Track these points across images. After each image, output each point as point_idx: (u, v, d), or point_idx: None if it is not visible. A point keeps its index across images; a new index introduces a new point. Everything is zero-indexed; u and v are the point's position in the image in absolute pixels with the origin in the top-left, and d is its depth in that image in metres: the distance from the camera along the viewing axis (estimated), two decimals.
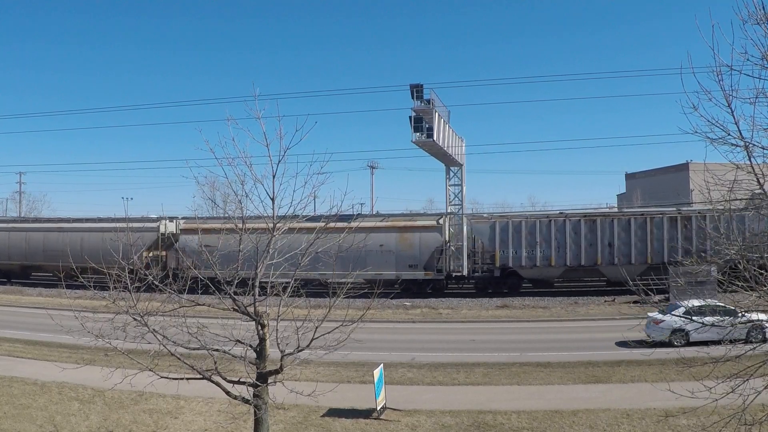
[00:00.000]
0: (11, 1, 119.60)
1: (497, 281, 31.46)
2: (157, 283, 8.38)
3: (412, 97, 41.68)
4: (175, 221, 35.80)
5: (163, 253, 34.44)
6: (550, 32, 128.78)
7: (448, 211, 50.83)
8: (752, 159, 6.60)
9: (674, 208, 31.73)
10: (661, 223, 29.79)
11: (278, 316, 8.33)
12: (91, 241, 34.21)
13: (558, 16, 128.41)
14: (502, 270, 30.85)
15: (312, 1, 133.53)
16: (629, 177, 71.05)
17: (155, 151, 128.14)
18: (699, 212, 28.40)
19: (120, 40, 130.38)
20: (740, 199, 7.32)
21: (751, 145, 6.54)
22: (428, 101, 42.05)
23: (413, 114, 42.32)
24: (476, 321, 25.11)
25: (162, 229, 34.76)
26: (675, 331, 15.75)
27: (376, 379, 11.98)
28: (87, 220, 38.36)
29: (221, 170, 8.51)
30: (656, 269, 27.62)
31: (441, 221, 32.77)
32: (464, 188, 53.37)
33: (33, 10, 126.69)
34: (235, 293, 8.29)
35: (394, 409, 12.36)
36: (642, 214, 31.01)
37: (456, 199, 53.07)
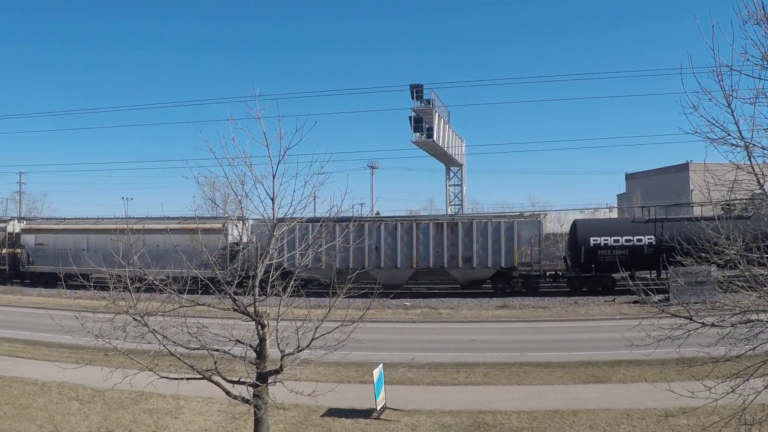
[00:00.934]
0: (11, 2, 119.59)
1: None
2: (157, 282, 8.39)
3: (412, 97, 41.72)
4: (21, 222, 41.96)
5: (10, 250, 39.54)
6: (550, 32, 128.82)
7: (448, 211, 50.89)
8: (752, 159, 6.59)
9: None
10: (427, 228, 32.04)
11: (278, 316, 8.34)
12: None
13: (558, 17, 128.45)
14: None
15: (312, 2, 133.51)
16: (629, 177, 71.11)
17: (155, 151, 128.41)
18: (467, 218, 32.32)
19: (120, 41, 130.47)
20: (740, 200, 7.32)
21: (751, 145, 6.54)
22: (428, 101, 42.08)
23: (413, 114, 42.36)
24: (476, 321, 25.10)
25: (10, 229, 39.83)
26: None
27: (375, 379, 11.98)
28: None
29: (221, 170, 8.51)
30: (424, 273, 31.42)
31: (227, 225, 33.97)
32: (464, 188, 53.43)
33: (33, 11, 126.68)
34: (235, 293, 8.30)
35: (394, 409, 12.37)
36: (409, 220, 33.86)
37: (456, 199, 53.12)
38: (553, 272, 33.39)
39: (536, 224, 31.87)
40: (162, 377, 8.45)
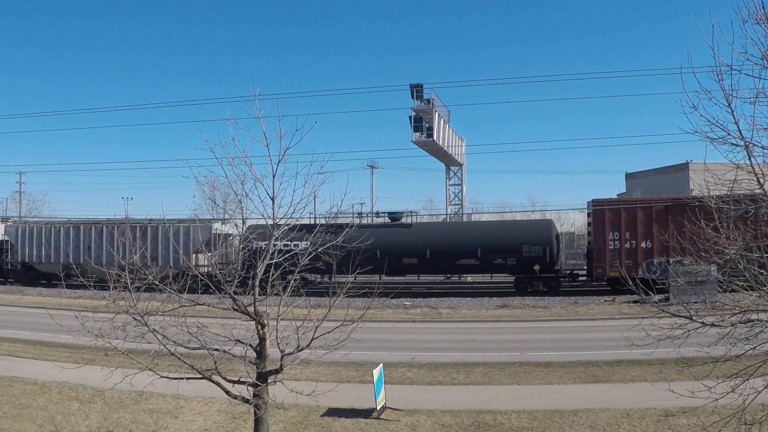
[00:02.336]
0: (12, 3, 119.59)
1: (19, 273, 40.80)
2: (157, 282, 8.39)
3: (412, 97, 41.71)
4: None
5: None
6: (550, 33, 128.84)
7: (448, 211, 50.88)
8: (752, 159, 6.59)
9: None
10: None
11: (278, 316, 8.34)
12: None
13: (558, 17, 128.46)
14: (22, 264, 40.44)
15: (312, 2, 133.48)
16: (629, 177, 71.01)
17: (155, 151, 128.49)
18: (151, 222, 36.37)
19: (120, 42, 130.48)
20: (740, 200, 7.31)
21: (751, 145, 6.54)
22: (428, 101, 42.07)
23: (413, 114, 42.36)
24: (476, 321, 25.12)
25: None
26: None
27: (375, 379, 11.98)
28: None
29: (221, 170, 8.51)
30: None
31: None
32: (464, 188, 53.43)
33: (34, 12, 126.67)
34: (235, 293, 8.30)
35: (394, 409, 12.37)
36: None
37: (456, 198, 53.11)
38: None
39: (207, 228, 35.77)
40: (162, 377, 8.45)
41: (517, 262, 31.77)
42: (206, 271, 31.49)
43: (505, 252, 31.68)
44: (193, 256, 34.44)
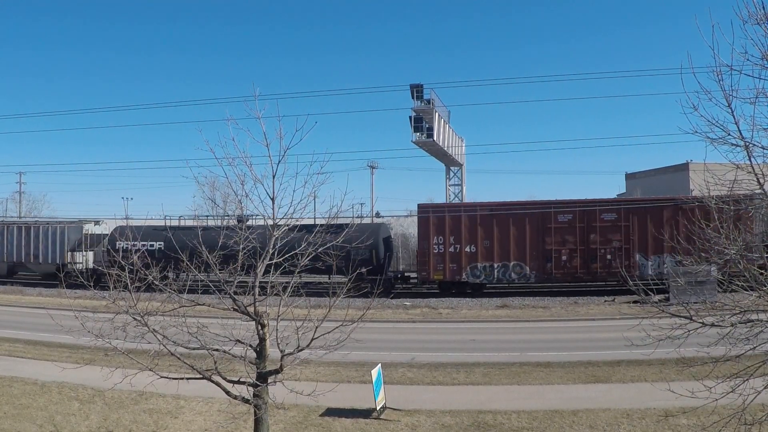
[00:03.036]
0: (12, 4, 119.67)
1: None
2: (157, 282, 8.39)
3: (412, 97, 41.67)
4: None
5: None
6: (550, 33, 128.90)
7: None
8: (752, 159, 6.59)
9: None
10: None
11: (278, 316, 8.34)
12: None
13: (558, 17, 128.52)
14: None
15: (312, 3, 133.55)
16: (629, 177, 71.02)
17: (155, 151, 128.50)
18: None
19: (120, 42, 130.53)
20: (740, 200, 7.31)
21: (751, 145, 6.54)
22: (428, 101, 42.05)
23: (413, 114, 42.31)
24: (476, 321, 25.11)
25: None
26: None
27: (373, 379, 11.98)
28: None
29: (221, 170, 8.53)
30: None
31: None
32: (464, 188, 53.42)
33: (34, 13, 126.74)
34: (235, 293, 8.30)
35: (394, 409, 12.36)
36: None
37: (456, 198, 53.11)
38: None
39: (79, 229, 38.57)
40: (162, 377, 8.45)
41: (350, 264, 31.69)
42: (81, 267, 34.25)
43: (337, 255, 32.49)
44: (69, 253, 37.91)
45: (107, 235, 37.18)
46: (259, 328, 8.32)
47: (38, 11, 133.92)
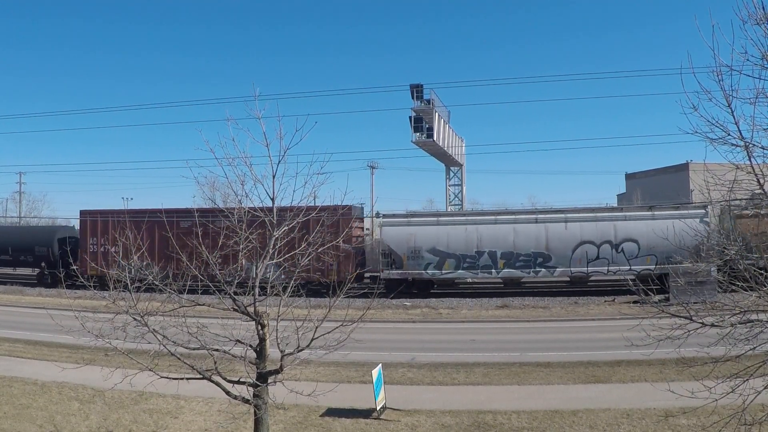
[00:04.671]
0: (12, 4, 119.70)
1: None
2: (157, 282, 8.39)
3: (412, 97, 41.64)
4: None
5: None
6: (550, 33, 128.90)
7: (448, 210, 50.81)
8: (752, 159, 6.59)
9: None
10: None
11: (278, 316, 8.33)
12: None
13: (558, 18, 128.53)
14: None
15: (312, 3, 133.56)
16: (629, 177, 71.03)
17: (155, 151, 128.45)
18: None
19: (120, 43, 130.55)
20: (740, 200, 7.32)
21: (751, 145, 6.53)
22: (428, 101, 42.02)
23: (413, 114, 42.29)
24: (476, 321, 25.11)
25: None
26: None
27: (374, 379, 11.98)
28: None
29: (221, 170, 8.53)
30: None
31: None
32: (464, 188, 53.42)
33: (35, 13, 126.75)
34: (235, 293, 8.30)
35: (394, 409, 12.36)
36: None
37: (456, 199, 53.11)
38: None
39: None
40: (162, 377, 8.45)
41: (34, 259, 38.42)
42: None
43: (26, 251, 38.52)
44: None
45: None
46: (259, 328, 8.32)
47: (38, 11, 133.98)
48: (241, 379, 8.35)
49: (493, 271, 31.02)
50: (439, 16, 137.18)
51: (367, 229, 38.76)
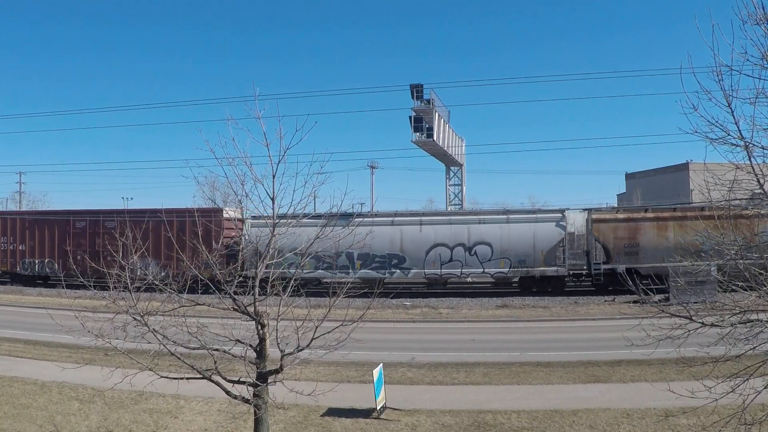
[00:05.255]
0: (13, 5, 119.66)
1: None
2: (157, 282, 8.39)
3: (412, 97, 41.67)
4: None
5: None
6: (550, 33, 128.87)
7: (448, 210, 50.85)
8: (752, 159, 6.59)
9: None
10: None
11: (278, 316, 8.33)
12: None
13: (558, 18, 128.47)
14: None
15: (312, 4, 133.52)
16: (629, 177, 71.10)
17: (155, 151, 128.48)
18: None
19: (120, 43, 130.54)
20: (740, 200, 7.31)
21: (751, 145, 6.53)
22: (428, 101, 42.04)
23: (413, 114, 42.32)
24: (476, 321, 25.12)
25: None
26: None
27: (375, 379, 11.98)
28: None
29: (221, 170, 8.53)
30: None
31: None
32: (464, 188, 53.45)
33: (35, 14, 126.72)
34: (235, 293, 8.30)
35: (394, 409, 12.36)
36: None
37: (456, 199, 53.13)
38: None
39: None
40: (162, 377, 8.45)
41: None
42: None
43: None
44: None
45: None
46: (259, 327, 8.32)
47: (39, 12, 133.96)
48: (241, 379, 8.36)
49: (350, 271, 31.49)
50: (440, 17, 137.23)
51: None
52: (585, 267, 32.92)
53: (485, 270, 31.14)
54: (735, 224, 7.24)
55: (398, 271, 31.81)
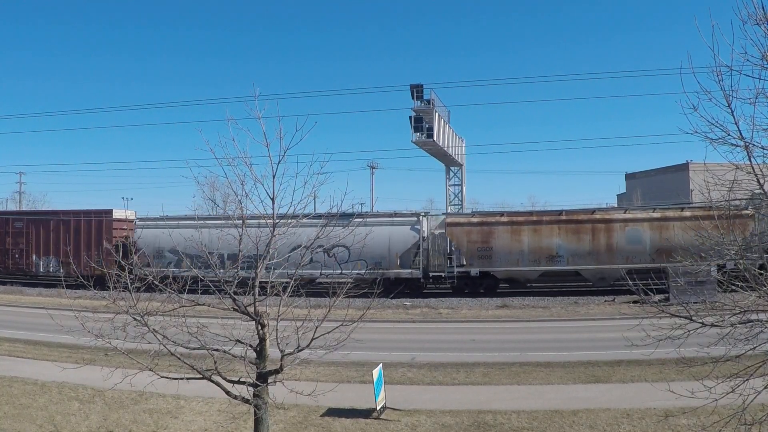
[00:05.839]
0: (13, 5, 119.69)
1: None
2: (157, 282, 8.39)
3: (413, 97, 41.65)
4: None
5: None
6: (550, 34, 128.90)
7: (448, 211, 50.87)
8: (752, 159, 6.59)
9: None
10: None
11: (278, 316, 8.34)
12: None
13: (558, 18, 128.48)
14: None
15: (312, 4, 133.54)
16: (629, 177, 71.04)
17: (155, 151, 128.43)
18: None
19: (121, 43, 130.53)
20: (740, 200, 7.32)
21: (751, 145, 6.54)
22: (428, 101, 42.03)
23: (413, 114, 42.30)
24: (476, 321, 25.12)
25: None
26: None
27: (375, 379, 11.98)
28: None
29: (221, 170, 8.55)
30: None
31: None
32: (464, 188, 53.42)
33: (35, 14, 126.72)
34: (235, 293, 8.30)
35: (394, 409, 12.36)
36: None
37: (456, 199, 53.11)
38: None
39: None
40: (162, 377, 8.45)
41: None
42: None
43: None
44: None
45: None
46: (259, 328, 8.32)
47: (39, 12, 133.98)
48: (241, 379, 8.36)
49: (221, 270, 32.45)
50: (439, 17, 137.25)
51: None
52: (444, 270, 33.48)
53: (342, 271, 31.78)
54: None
55: (264, 271, 33.04)
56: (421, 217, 32.87)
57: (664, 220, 30.17)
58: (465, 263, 31.59)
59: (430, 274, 33.12)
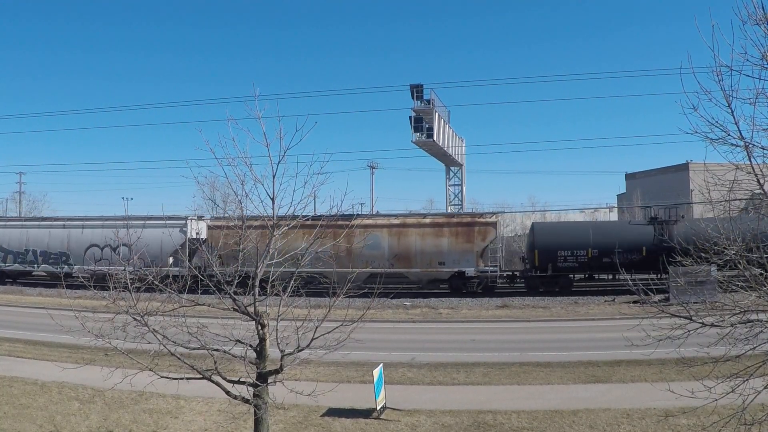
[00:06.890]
0: (12, 4, 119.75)
1: None
2: (157, 282, 8.39)
3: (412, 97, 41.66)
4: None
5: None
6: (550, 33, 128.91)
7: (448, 211, 50.86)
8: (752, 159, 6.59)
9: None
10: None
11: (278, 316, 8.33)
12: None
13: (558, 18, 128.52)
14: None
15: (312, 3, 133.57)
16: (629, 177, 71.03)
17: (155, 151, 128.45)
18: None
19: (120, 43, 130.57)
20: (740, 199, 7.32)
21: (751, 145, 6.54)
22: (428, 101, 42.04)
23: (413, 114, 42.31)
24: (476, 321, 25.13)
25: None
26: None
27: (375, 379, 11.98)
28: None
29: (221, 170, 8.53)
30: None
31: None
32: (464, 188, 53.41)
33: (34, 14, 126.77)
34: (235, 293, 8.30)
35: (394, 409, 12.37)
36: None
37: (456, 199, 53.11)
38: None
39: None
40: (162, 377, 8.45)
41: None
42: None
43: None
44: None
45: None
46: (259, 328, 8.32)
47: (39, 12, 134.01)
48: (241, 379, 8.36)
49: (35, 265, 38.80)
50: (439, 17, 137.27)
51: None
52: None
53: (126, 268, 33.12)
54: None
55: (66, 266, 37.07)
56: (187, 221, 35.81)
57: (403, 227, 32.72)
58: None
59: (200, 272, 34.20)
